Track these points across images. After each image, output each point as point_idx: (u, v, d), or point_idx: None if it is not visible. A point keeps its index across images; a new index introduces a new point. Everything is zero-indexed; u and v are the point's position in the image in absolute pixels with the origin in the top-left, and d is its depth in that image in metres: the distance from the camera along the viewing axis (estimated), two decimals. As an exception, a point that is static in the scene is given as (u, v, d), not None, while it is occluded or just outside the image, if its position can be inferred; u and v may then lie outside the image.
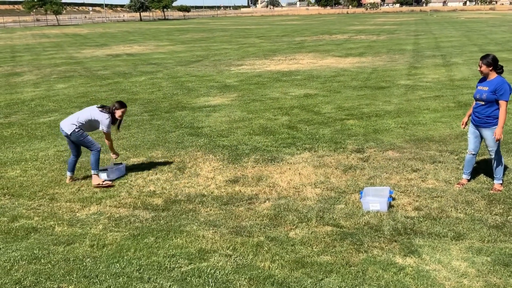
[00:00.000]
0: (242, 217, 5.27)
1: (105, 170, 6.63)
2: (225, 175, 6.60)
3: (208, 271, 4.15)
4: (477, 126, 5.72)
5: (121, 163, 7.02)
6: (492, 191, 5.74)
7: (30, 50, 29.73)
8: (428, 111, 9.99)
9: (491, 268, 4.08)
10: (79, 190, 6.24)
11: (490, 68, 5.51)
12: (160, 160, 7.32)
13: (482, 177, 6.19)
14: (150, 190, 6.17)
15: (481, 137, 5.77)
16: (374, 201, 5.33)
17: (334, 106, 10.78)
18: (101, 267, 4.27)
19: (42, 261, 4.41)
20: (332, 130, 8.77)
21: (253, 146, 7.88)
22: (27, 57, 25.20)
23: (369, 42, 28.57)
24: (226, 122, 9.60)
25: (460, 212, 5.22)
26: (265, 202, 5.66)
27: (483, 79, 5.68)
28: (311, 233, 4.82)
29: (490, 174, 6.27)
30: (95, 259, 4.42)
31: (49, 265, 4.33)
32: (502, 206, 5.32)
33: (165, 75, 16.89)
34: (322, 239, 4.68)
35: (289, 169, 6.76)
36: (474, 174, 6.31)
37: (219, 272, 4.13)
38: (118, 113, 6.48)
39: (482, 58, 5.56)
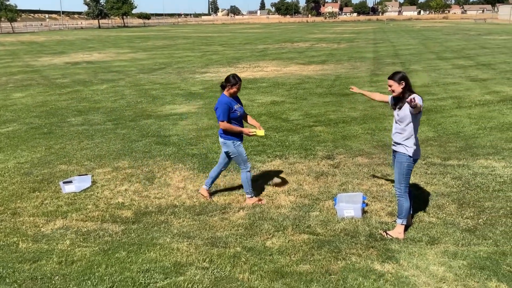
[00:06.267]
0: (216, 227, 5.14)
1: (69, 182, 6.36)
2: (196, 185, 6.46)
3: (185, 285, 4.00)
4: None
5: (86, 174, 6.77)
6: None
7: (-17, 58, 28.52)
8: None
9: (468, 272, 4.12)
10: (42, 203, 5.94)
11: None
12: (127, 171, 7.09)
13: (450, 181, 6.31)
14: (119, 202, 5.95)
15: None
16: (348, 207, 5.33)
17: (301, 113, 10.81)
18: (71, 285, 4.05)
19: (7, 280, 4.14)
20: (301, 137, 8.77)
21: (223, 155, 7.76)
22: (-20, 65, 24.14)
23: (330, 50, 29.00)
24: (194, 130, 9.44)
25: (432, 216, 5.28)
26: (239, 211, 5.56)
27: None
28: (288, 242, 4.75)
29: (460, 179, 6.41)
30: (64, 277, 4.18)
31: (15, 285, 4.06)
32: (472, 210, 5.42)
33: (127, 83, 16.53)
34: (300, 248, 4.62)
35: (261, 176, 6.69)
36: (442, 178, 6.44)
37: (197, 286, 3.99)
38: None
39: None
